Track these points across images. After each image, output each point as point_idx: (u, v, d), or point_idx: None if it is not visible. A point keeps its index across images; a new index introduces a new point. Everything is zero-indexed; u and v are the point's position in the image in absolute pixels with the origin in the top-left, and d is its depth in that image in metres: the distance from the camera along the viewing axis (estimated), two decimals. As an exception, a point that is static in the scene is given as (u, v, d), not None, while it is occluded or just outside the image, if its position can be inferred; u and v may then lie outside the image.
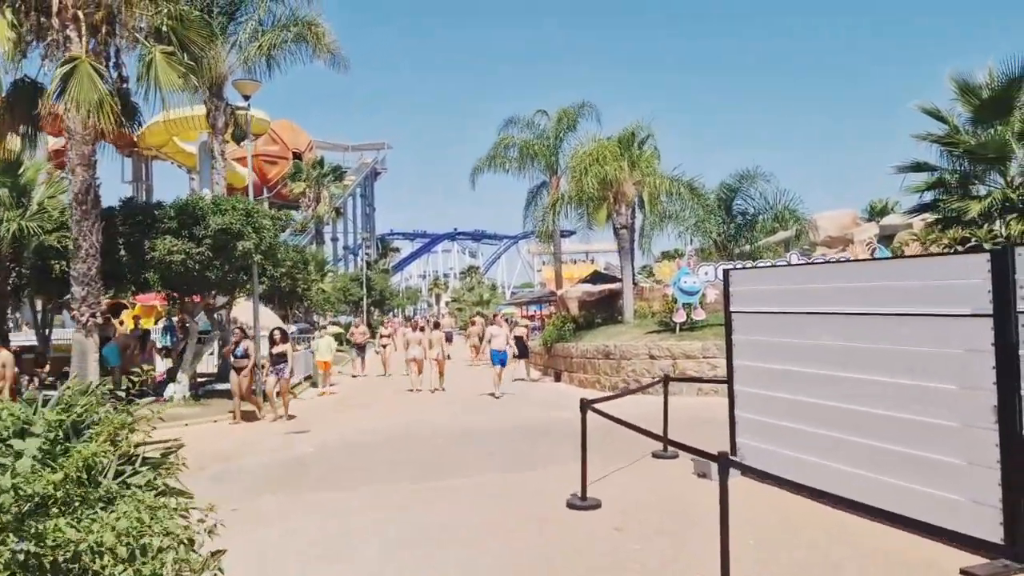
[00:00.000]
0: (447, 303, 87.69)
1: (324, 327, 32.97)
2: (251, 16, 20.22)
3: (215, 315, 18.33)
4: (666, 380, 9.87)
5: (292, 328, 33.13)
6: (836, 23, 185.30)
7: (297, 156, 61.03)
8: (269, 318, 24.75)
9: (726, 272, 9.16)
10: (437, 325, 23.50)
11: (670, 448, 9.52)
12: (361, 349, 26.05)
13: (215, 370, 21.38)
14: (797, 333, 7.77)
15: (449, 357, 22.84)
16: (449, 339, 24.74)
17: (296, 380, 21.02)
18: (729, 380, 8.89)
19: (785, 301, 7.92)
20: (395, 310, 79.00)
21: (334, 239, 72.62)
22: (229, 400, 16.94)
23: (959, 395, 6.25)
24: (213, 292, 16.97)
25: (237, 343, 15.30)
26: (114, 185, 59.75)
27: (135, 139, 52.17)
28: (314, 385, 21.60)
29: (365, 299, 49.32)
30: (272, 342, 15.58)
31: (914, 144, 18.98)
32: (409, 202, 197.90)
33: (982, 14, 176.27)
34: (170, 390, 16.29)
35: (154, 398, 6.40)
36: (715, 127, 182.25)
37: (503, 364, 18.69)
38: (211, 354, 20.22)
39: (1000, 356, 5.89)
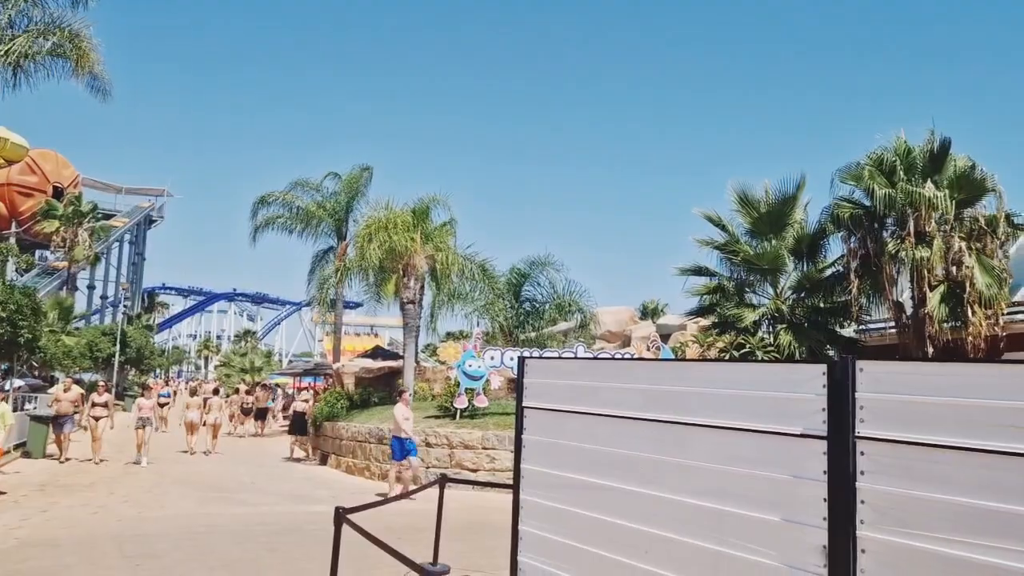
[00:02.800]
0: (216, 366, 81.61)
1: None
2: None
3: None
4: (442, 482, 8.52)
5: (19, 383, 28.46)
6: (627, 119, 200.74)
7: (58, 191, 54.76)
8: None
9: (521, 360, 7.91)
10: (216, 391, 24.93)
11: (439, 563, 8.17)
12: (65, 423, 18.06)
13: None
14: (599, 438, 6.64)
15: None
16: (216, 392, 25.16)
17: (3, 448, 17.51)
18: (515, 486, 7.59)
19: (588, 400, 6.81)
20: (156, 370, 72.06)
21: (91, 287, 65.39)
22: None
23: (783, 529, 5.27)
24: None
25: None
26: None
27: None
28: (27, 455, 18.07)
29: (117, 356, 44.06)
30: None
31: (695, 247, 19.59)
32: (187, 256, 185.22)
33: (761, 129, 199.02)
34: None
35: None
36: (506, 214, 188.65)
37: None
38: None
39: (833, 488, 4.95)
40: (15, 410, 21.34)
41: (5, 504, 11.81)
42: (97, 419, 18.18)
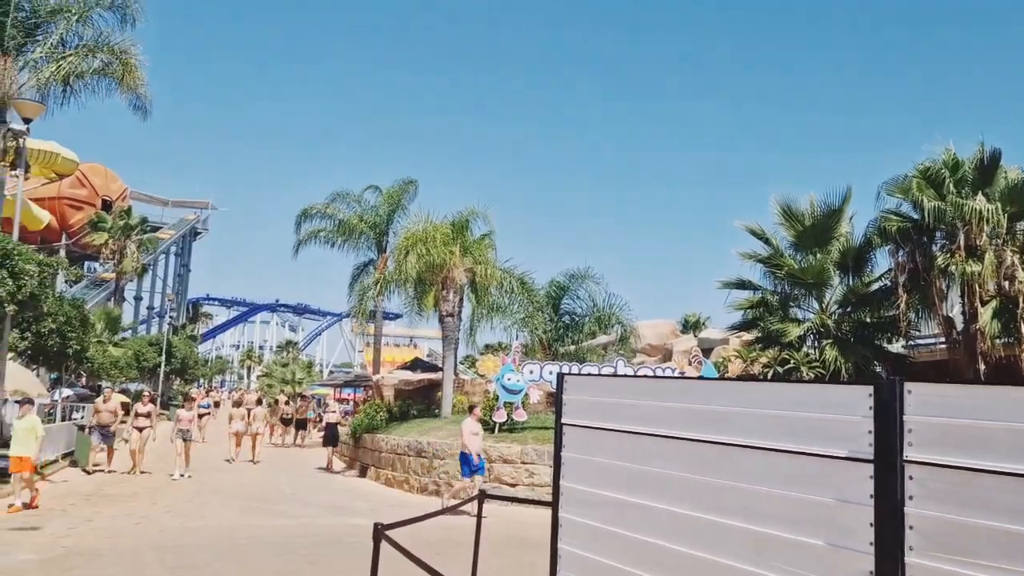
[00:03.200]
0: (258, 376, 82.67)
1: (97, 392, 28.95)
2: (52, 34, 17.74)
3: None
4: (481, 497, 8.48)
5: (68, 392, 29.11)
6: (670, 136, 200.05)
7: (107, 205, 56.09)
8: (28, 381, 21.22)
9: (560, 376, 7.85)
10: (259, 402, 26.46)
11: (479, 580, 8.15)
12: (106, 434, 17.78)
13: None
14: (640, 457, 6.54)
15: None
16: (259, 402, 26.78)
17: (52, 456, 17.91)
18: (554, 505, 7.51)
19: (628, 417, 6.72)
20: (200, 380, 73.25)
21: (138, 298, 66.83)
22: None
23: (827, 554, 5.12)
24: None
25: None
26: None
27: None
28: (74, 464, 18.43)
29: (163, 366, 44.89)
30: None
31: (737, 260, 19.36)
32: (230, 267, 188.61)
33: (806, 140, 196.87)
34: None
35: None
36: (546, 227, 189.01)
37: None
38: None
39: (880, 513, 4.80)
40: (63, 419, 21.85)
41: (53, 513, 12.05)
42: (140, 430, 17.81)
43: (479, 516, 8.52)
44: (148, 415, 18.30)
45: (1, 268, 12.71)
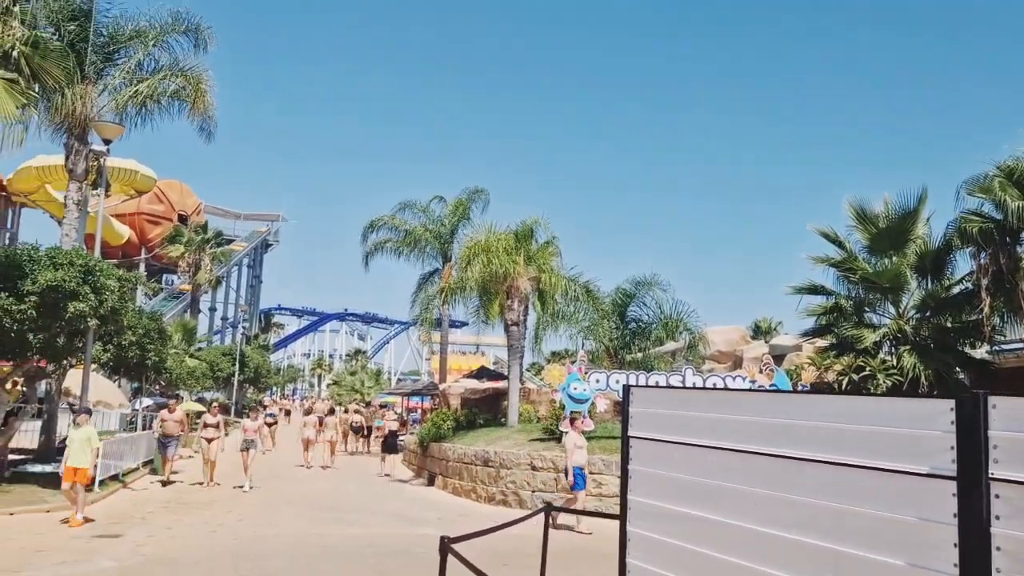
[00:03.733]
0: (328, 385, 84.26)
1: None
2: (130, 58, 18.46)
3: (37, 385, 15.85)
4: (547, 510, 8.43)
5: (148, 402, 30.14)
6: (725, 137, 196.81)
7: (183, 219, 58.01)
8: (110, 391, 22.05)
9: (626, 389, 7.73)
10: (332, 411, 27.65)
11: (546, 594, 8.10)
12: (169, 443, 17.71)
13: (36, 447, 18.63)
14: (709, 471, 6.37)
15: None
16: (332, 412, 27.98)
17: (133, 464, 18.56)
18: (622, 518, 7.38)
19: (697, 430, 6.56)
20: (272, 389, 75.02)
21: (212, 309, 68.82)
22: (42, 487, 14.47)
23: (909, 574, 4.89)
24: (36, 358, 14.58)
25: None
26: (-28, 229, 54.86)
27: (3, 182, 48.56)
28: (154, 471, 19.04)
29: (237, 375, 46.11)
30: None
31: (808, 265, 18.85)
32: (300, 278, 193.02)
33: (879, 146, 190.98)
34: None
35: None
36: (610, 234, 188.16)
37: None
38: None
39: (965, 532, 4.57)
40: (143, 428, 22.62)
41: (133, 521, 12.45)
42: (209, 440, 17.72)
43: (546, 528, 8.46)
44: (217, 426, 18.20)
45: (84, 284, 13.21)
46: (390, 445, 22.30)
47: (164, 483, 17.26)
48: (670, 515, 6.73)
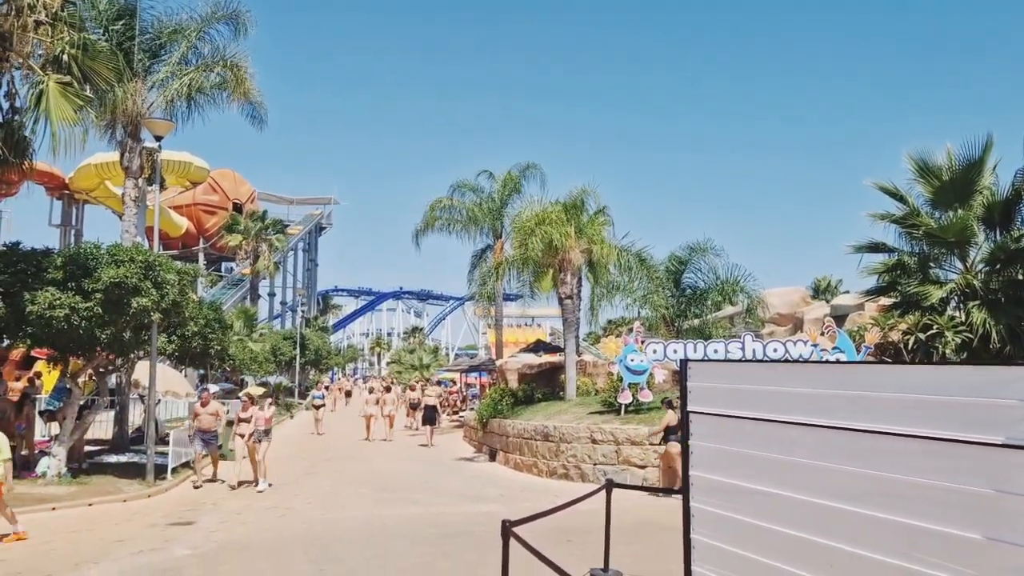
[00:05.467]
0: (388, 363, 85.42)
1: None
2: (174, 53, 18.73)
3: (108, 378, 16.35)
4: (609, 487, 8.38)
5: (214, 388, 30.93)
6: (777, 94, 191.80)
7: (238, 207, 59.07)
8: (177, 381, 22.66)
9: (683, 363, 7.60)
10: (388, 389, 29.91)
11: (611, 569, 8.08)
12: (209, 440, 15.81)
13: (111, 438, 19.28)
14: (773, 445, 6.23)
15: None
16: (389, 389, 30.13)
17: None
18: (684, 495, 7.29)
19: (758, 404, 6.40)
20: (333, 370, 76.34)
21: (271, 294, 70.19)
22: (118, 477, 14.98)
23: (984, 548, 4.71)
24: (105, 353, 15.02)
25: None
26: (41, 228, 56.88)
27: (66, 181, 50.07)
28: (223, 457, 19.51)
29: (298, 358, 47.03)
30: None
31: (868, 222, 18.30)
32: (355, 259, 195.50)
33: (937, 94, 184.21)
34: (42, 465, 14.20)
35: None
36: (661, 200, 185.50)
37: None
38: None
39: None
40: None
41: (205, 507, 12.81)
42: (243, 436, 15.35)
43: (608, 504, 8.42)
44: (250, 419, 15.41)
45: (145, 279, 13.52)
46: (429, 418, 24.91)
47: (196, 486, 15.06)
48: (735, 490, 6.60)
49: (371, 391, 29.25)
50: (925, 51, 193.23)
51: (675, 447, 13.13)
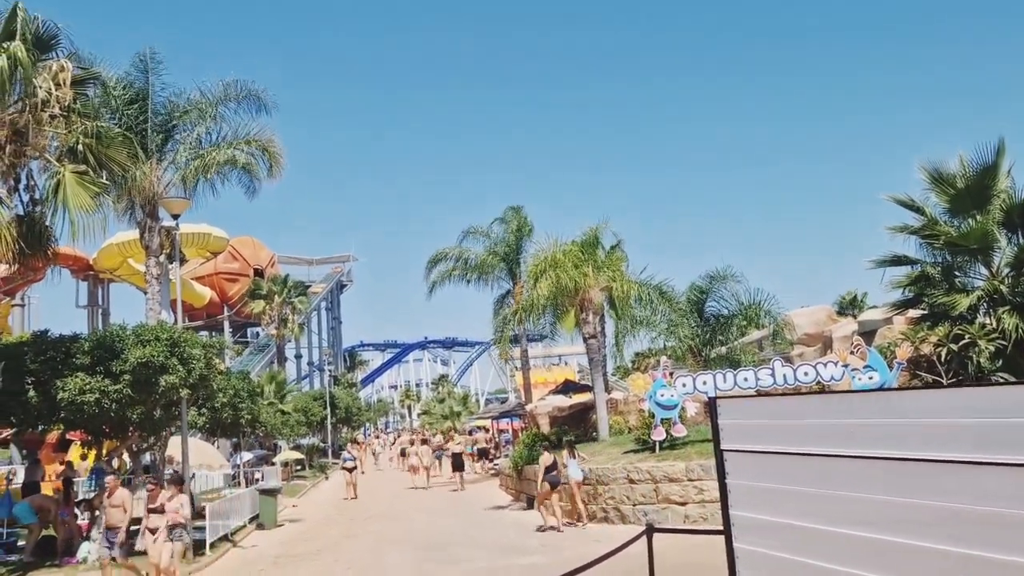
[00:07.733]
0: (418, 415, 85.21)
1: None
2: (189, 134, 19.21)
3: (142, 456, 16.42)
4: (650, 532, 8.24)
5: (248, 456, 30.96)
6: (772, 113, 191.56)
7: (259, 272, 59.71)
8: (209, 453, 22.71)
9: (712, 401, 7.50)
10: (425, 441, 32.80)
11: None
12: (113, 542, 11.82)
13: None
14: (813, 480, 6.08)
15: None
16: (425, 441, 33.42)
17: (240, 522, 18.98)
18: (727, 535, 7.12)
19: (794, 438, 6.27)
20: (366, 425, 76.25)
21: (298, 356, 70.52)
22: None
23: (1046, 574, 4.53)
24: (137, 432, 15.11)
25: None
26: (68, 310, 57.68)
27: (90, 262, 50.96)
28: (260, 527, 19.45)
29: (329, 417, 47.04)
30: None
31: (888, 236, 18.16)
32: (378, 313, 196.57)
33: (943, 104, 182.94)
34: (83, 550, 14.21)
35: None
36: (671, 229, 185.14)
37: None
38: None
39: None
40: (245, 484, 23.22)
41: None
42: (152, 532, 11.68)
43: (650, 550, 8.26)
44: (160, 510, 11.65)
45: (171, 356, 13.64)
46: (458, 464, 27.93)
47: None
48: (781, 528, 6.44)
49: (403, 454, 32.70)
50: (932, 60, 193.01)
51: (545, 485, 15.98)
